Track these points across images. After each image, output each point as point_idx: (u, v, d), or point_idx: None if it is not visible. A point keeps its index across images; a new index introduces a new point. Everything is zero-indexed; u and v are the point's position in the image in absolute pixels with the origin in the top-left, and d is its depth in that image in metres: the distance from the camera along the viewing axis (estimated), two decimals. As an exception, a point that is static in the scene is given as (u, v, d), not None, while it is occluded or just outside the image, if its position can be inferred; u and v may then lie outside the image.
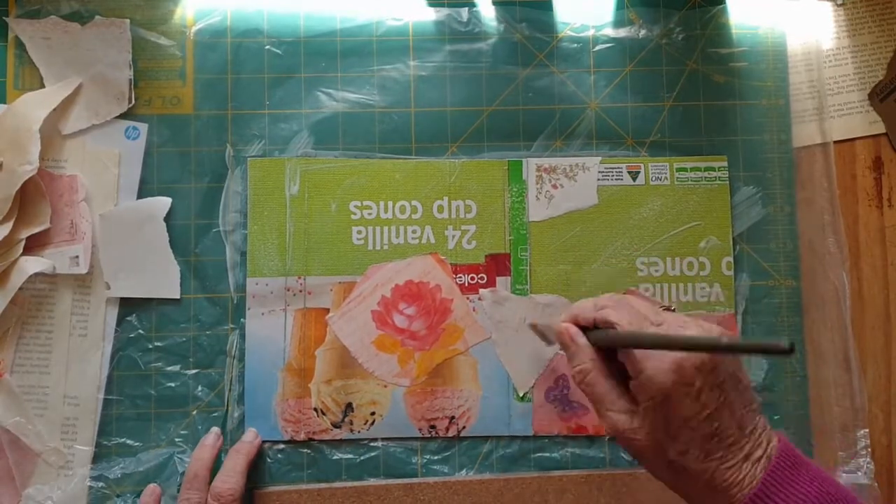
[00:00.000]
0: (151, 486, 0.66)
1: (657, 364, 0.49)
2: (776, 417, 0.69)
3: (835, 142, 0.74)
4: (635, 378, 0.50)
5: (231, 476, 0.64)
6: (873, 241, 0.73)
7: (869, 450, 0.69)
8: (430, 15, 0.72)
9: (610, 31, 0.73)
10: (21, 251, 0.65)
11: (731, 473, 0.49)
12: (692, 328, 0.51)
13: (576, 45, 0.72)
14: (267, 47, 0.71)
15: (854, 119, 0.74)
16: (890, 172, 0.74)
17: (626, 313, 0.53)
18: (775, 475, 0.49)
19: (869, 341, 0.72)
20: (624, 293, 0.61)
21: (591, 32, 0.73)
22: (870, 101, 0.74)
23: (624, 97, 0.72)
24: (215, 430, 0.67)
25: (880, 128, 0.74)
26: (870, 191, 0.74)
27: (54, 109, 0.67)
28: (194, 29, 0.71)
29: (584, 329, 0.55)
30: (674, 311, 0.56)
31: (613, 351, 0.53)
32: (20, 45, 0.69)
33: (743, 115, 0.73)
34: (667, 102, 0.72)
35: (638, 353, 0.50)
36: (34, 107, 0.66)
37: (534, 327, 0.62)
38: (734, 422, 0.50)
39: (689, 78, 0.73)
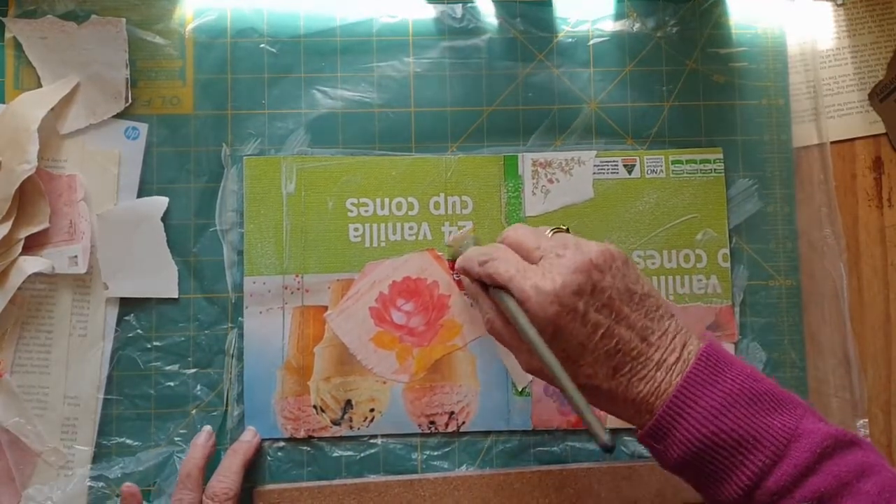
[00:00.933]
0: (127, 487, 0.67)
1: (540, 299, 0.51)
2: (775, 409, 0.70)
3: (835, 142, 0.74)
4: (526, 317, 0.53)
5: (227, 476, 0.65)
6: (873, 241, 0.74)
7: (869, 440, 0.70)
8: (425, 12, 0.73)
9: (605, 26, 0.74)
10: (20, 251, 0.66)
11: (645, 384, 0.51)
12: (570, 252, 0.52)
13: (571, 40, 0.73)
14: (262, 46, 0.72)
15: (854, 119, 0.75)
16: (890, 172, 0.75)
17: (505, 262, 0.55)
18: (692, 378, 0.50)
19: (869, 341, 0.73)
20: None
21: (587, 27, 0.73)
22: (870, 101, 0.75)
23: (624, 97, 0.73)
24: (207, 428, 0.68)
25: (880, 128, 0.75)
26: (870, 191, 0.75)
27: (52, 109, 0.68)
28: (189, 28, 0.71)
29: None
30: (567, 230, 0.59)
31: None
32: (19, 45, 0.70)
33: (743, 115, 0.73)
34: (667, 102, 0.73)
35: (518, 292, 0.52)
36: (32, 106, 0.67)
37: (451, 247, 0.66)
38: (635, 334, 0.51)
39: (689, 77, 0.73)
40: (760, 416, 0.49)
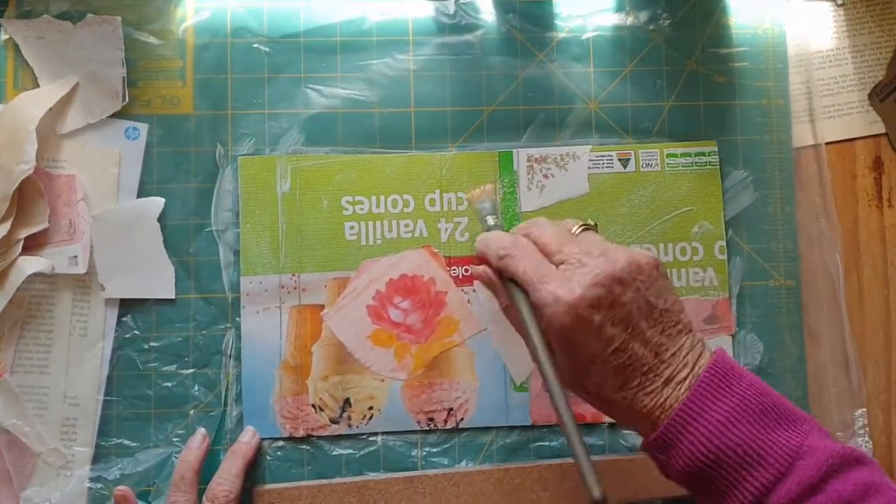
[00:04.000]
0: (120, 490, 0.69)
1: (553, 309, 0.52)
2: (774, 399, 0.74)
3: (835, 142, 0.77)
4: (538, 322, 0.54)
5: (227, 478, 0.67)
6: (873, 241, 0.77)
7: (867, 429, 0.73)
8: (419, 9, 0.76)
9: (598, 20, 0.77)
10: (19, 251, 0.68)
11: (651, 398, 0.52)
12: (593, 261, 0.53)
13: (570, 38, 0.76)
14: (255, 45, 0.74)
15: (854, 119, 0.78)
16: (890, 172, 0.77)
17: (525, 261, 0.55)
18: (699, 392, 0.51)
19: (869, 341, 0.76)
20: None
21: (580, 21, 0.76)
22: (870, 101, 0.78)
23: (624, 97, 0.76)
24: (201, 430, 0.71)
25: (880, 128, 0.78)
26: (870, 191, 0.77)
27: (50, 108, 0.70)
28: (189, 27, 0.74)
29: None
30: (595, 225, 0.59)
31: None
32: (17, 45, 0.72)
33: (743, 115, 0.76)
34: (666, 102, 0.76)
35: (534, 297, 0.53)
36: (30, 106, 0.69)
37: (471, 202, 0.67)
38: (649, 350, 0.52)
39: (689, 77, 0.76)
40: (766, 431, 0.50)
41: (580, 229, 0.58)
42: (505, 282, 0.58)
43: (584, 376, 0.54)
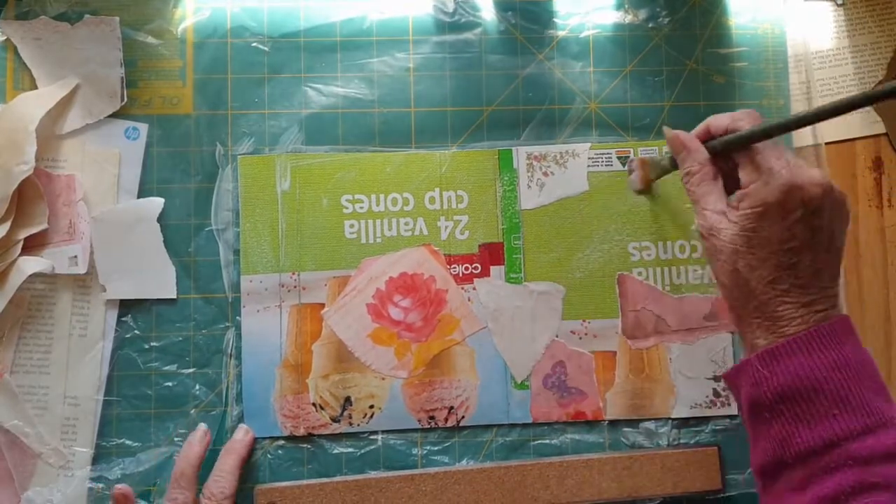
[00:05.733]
0: (119, 488, 0.69)
1: (770, 180, 0.55)
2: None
3: (834, 142, 0.78)
4: (745, 186, 0.56)
5: (222, 476, 0.68)
6: (873, 241, 0.77)
7: None
8: (419, 7, 0.76)
9: (597, 18, 0.77)
10: (19, 251, 0.69)
11: (786, 309, 0.55)
12: (819, 169, 0.56)
13: (563, 32, 0.77)
14: (254, 45, 0.75)
15: (854, 119, 0.78)
16: (890, 172, 0.78)
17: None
18: (829, 328, 0.54)
19: (869, 341, 0.76)
20: None
21: (579, 19, 0.77)
22: None
23: (624, 97, 0.76)
24: (202, 426, 0.71)
25: (880, 128, 0.78)
26: (870, 191, 0.78)
27: (50, 109, 0.70)
28: (182, 27, 0.75)
29: (705, 141, 0.61)
30: None
31: (726, 161, 0.60)
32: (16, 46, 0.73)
33: None
34: (666, 102, 0.76)
35: (756, 164, 0.56)
36: (31, 106, 0.70)
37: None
38: (812, 268, 0.55)
39: (689, 77, 0.77)
40: (868, 391, 0.53)
41: None
42: (715, 140, 0.61)
43: (747, 253, 0.56)
